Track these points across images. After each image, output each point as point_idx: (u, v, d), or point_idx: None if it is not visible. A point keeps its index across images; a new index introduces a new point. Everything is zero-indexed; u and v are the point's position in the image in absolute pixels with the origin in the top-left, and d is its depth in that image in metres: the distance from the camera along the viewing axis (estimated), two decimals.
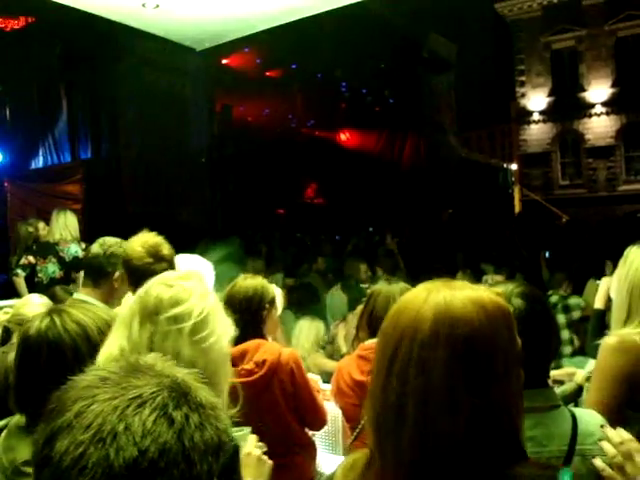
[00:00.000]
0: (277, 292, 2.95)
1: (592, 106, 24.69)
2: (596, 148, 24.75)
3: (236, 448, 1.62)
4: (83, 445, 0.72)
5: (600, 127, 24.68)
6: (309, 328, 4.75)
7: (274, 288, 2.93)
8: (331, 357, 4.72)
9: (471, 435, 0.94)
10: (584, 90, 24.82)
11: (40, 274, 5.49)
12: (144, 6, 6.56)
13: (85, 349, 1.65)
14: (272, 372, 2.68)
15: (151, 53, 11.64)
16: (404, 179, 20.52)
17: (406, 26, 20.17)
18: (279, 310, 2.99)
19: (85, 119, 12.74)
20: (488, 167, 25.07)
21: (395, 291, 2.75)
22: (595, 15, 23.96)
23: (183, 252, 3.19)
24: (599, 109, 24.60)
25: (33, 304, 2.90)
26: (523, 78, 26.22)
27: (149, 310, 1.51)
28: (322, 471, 3.12)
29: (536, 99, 25.94)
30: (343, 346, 3.85)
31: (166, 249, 2.83)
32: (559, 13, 24.61)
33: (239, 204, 15.57)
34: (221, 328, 1.56)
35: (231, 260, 5.54)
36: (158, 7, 6.62)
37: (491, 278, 6.67)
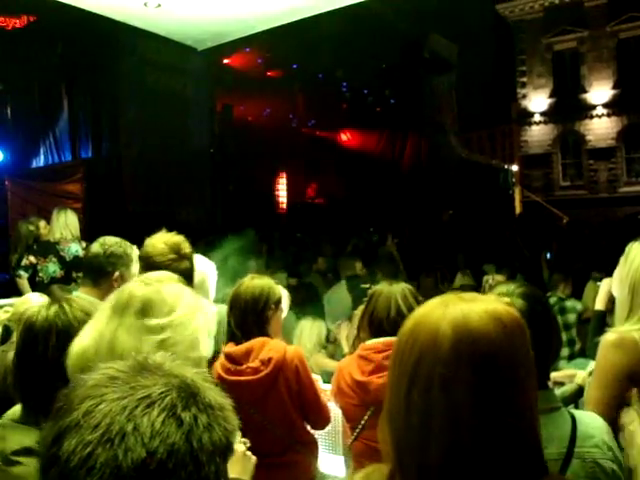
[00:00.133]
0: (284, 294, 2.95)
1: (593, 107, 24.68)
2: (597, 149, 24.74)
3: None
4: (91, 445, 0.72)
5: (601, 128, 24.67)
6: (311, 328, 4.74)
7: (281, 289, 2.94)
8: (333, 357, 4.71)
9: (498, 452, 0.94)
10: (585, 91, 24.81)
11: (41, 273, 5.48)
12: (146, 5, 6.57)
13: None
14: (278, 370, 2.68)
15: (152, 52, 11.64)
16: (405, 179, 20.53)
17: (407, 27, 20.16)
18: (285, 312, 2.99)
19: (86, 118, 12.73)
20: (489, 168, 25.04)
21: (396, 291, 2.75)
22: (597, 16, 23.95)
23: None
24: (600, 110, 24.60)
25: (33, 303, 2.90)
26: (524, 79, 26.22)
27: (120, 304, 1.52)
28: (322, 471, 3.12)
29: (537, 100, 25.93)
30: (345, 346, 3.85)
31: (187, 247, 2.86)
32: (561, 14, 24.60)
33: (240, 204, 15.57)
34: (196, 334, 1.52)
35: (246, 253, 5.57)
36: (160, 7, 6.62)
37: (492, 278, 6.66)
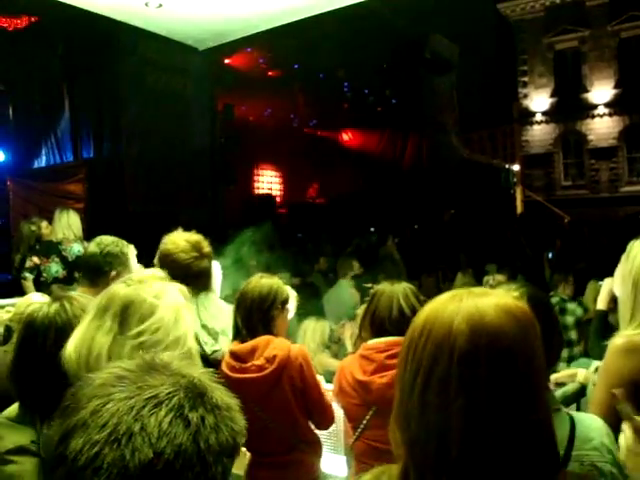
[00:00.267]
0: (292, 294, 2.95)
1: (595, 107, 24.66)
2: (598, 149, 24.72)
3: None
4: (98, 445, 0.72)
5: (603, 128, 24.65)
6: (314, 328, 4.73)
7: (289, 290, 2.94)
8: (337, 357, 4.69)
9: (517, 447, 0.93)
10: (587, 91, 24.80)
11: (44, 274, 5.51)
12: (147, 5, 6.58)
13: None
14: (282, 368, 2.68)
15: (153, 52, 11.63)
16: (406, 179, 20.51)
17: (408, 26, 20.14)
18: (292, 312, 2.99)
19: (87, 118, 12.73)
20: (490, 168, 25.02)
21: (398, 291, 2.74)
22: (598, 16, 23.93)
23: None
24: (602, 110, 24.58)
25: (35, 303, 2.89)
26: (526, 79, 26.20)
27: (101, 306, 1.50)
28: (323, 471, 3.11)
29: (539, 100, 25.91)
30: (350, 345, 3.85)
31: (207, 246, 2.88)
32: (562, 14, 24.59)
33: (241, 203, 15.57)
34: (178, 332, 1.50)
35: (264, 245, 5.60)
36: (161, 6, 6.64)
37: (492, 278, 6.66)
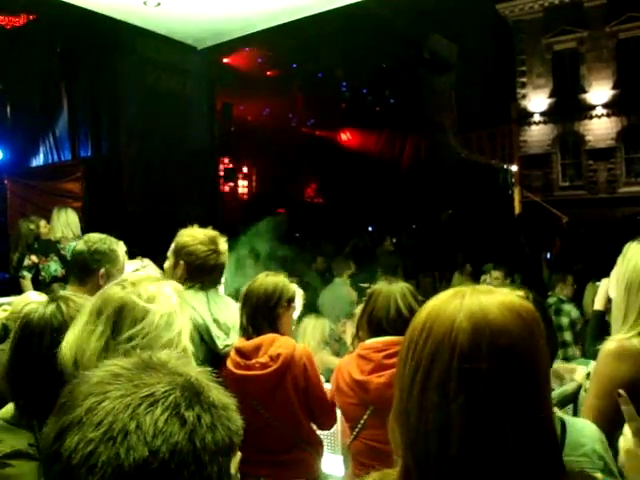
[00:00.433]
0: (298, 293, 2.96)
1: (593, 108, 24.68)
2: (596, 150, 24.74)
3: None
4: (93, 443, 0.71)
5: (601, 129, 24.67)
6: (314, 326, 4.73)
7: (295, 288, 2.94)
8: (338, 355, 4.69)
9: (519, 446, 0.91)
10: (585, 92, 24.81)
11: (43, 272, 5.51)
12: (145, 4, 6.56)
13: None
14: (286, 366, 2.69)
15: (152, 51, 11.62)
16: (404, 179, 20.53)
17: (407, 26, 20.16)
18: (298, 310, 3.00)
19: (85, 117, 12.71)
20: (488, 168, 25.03)
21: (395, 291, 2.74)
22: (596, 17, 23.95)
23: None
24: (600, 111, 24.59)
25: (32, 302, 2.89)
26: (524, 79, 26.21)
27: (95, 308, 1.49)
28: (324, 471, 3.12)
29: (537, 100, 25.93)
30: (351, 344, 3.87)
31: (223, 242, 2.91)
32: (560, 14, 24.60)
33: (239, 203, 15.57)
34: (171, 334, 1.49)
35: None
36: (159, 5, 6.62)
37: (489, 276, 6.67)
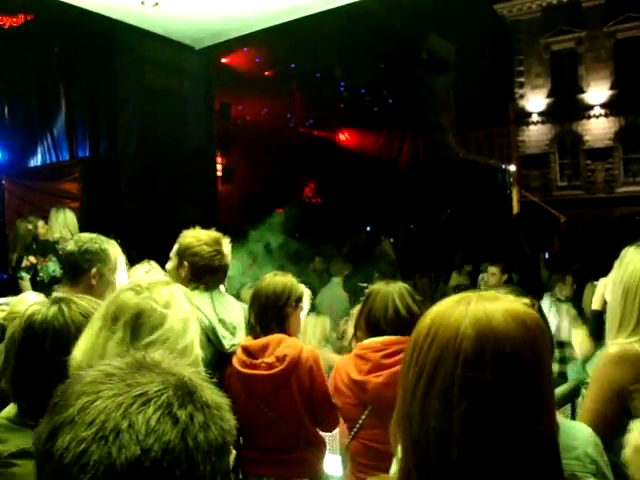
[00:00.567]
0: (306, 292, 2.96)
1: (591, 108, 24.72)
2: (594, 150, 24.79)
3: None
4: (85, 442, 0.71)
5: (599, 129, 24.71)
6: (315, 325, 4.73)
7: (303, 288, 2.95)
8: (340, 353, 4.69)
9: (520, 454, 0.91)
10: (583, 92, 24.85)
11: (41, 273, 5.50)
12: (143, 4, 6.56)
13: None
14: (292, 367, 2.69)
15: (150, 51, 11.60)
16: (402, 179, 20.53)
17: (405, 26, 20.16)
18: (305, 310, 3.00)
19: (83, 117, 12.69)
20: (486, 168, 25.07)
21: (393, 291, 2.74)
22: (594, 17, 23.99)
23: None
24: (598, 111, 24.64)
25: (29, 302, 2.88)
26: (522, 79, 26.24)
27: (110, 314, 1.47)
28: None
29: (535, 100, 25.96)
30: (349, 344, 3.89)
31: (227, 244, 2.91)
32: (558, 14, 24.64)
33: (238, 203, 15.56)
34: (185, 340, 1.49)
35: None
36: (157, 5, 6.61)
37: (487, 275, 6.67)
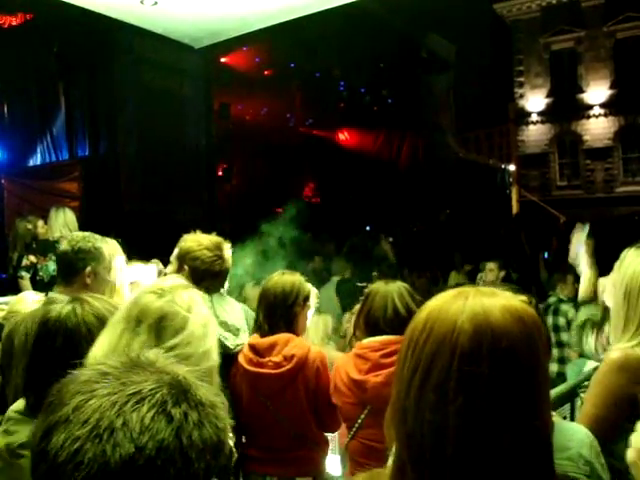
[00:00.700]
0: (313, 291, 2.97)
1: (590, 107, 24.72)
2: (594, 149, 24.78)
3: (231, 450, 1.61)
4: (80, 440, 0.71)
5: (598, 128, 24.71)
6: (317, 322, 4.73)
7: (310, 287, 2.95)
8: (343, 351, 4.69)
9: (514, 450, 0.91)
10: (583, 91, 24.85)
11: (41, 272, 5.51)
12: (142, 3, 6.55)
13: None
14: (299, 367, 2.71)
15: (149, 51, 11.60)
16: (402, 179, 20.53)
17: (405, 26, 20.16)
18: (312, 308, 3.01)
19: (83, 117, 12.69)
20: (486, 168, 25.05)
21: (393, 290, 2.75)
22: (594, 16, 23.98)
23: None
24: (597, 110, 24.63)
25: (28, 301, 2.89)
26: (522, 79, 26.24)
27: (132, 317, 1.48)
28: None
29: (535, 100, 25.96)
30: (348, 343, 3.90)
31: (228, 248, 2.91)
32: (558, 14, 24.63)
33: (237, 203, 15.55)
34: (205, 345, 1.51)
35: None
36: (156, 4, 6.61)
37: (485, 274, 6.68)
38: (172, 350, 1.42)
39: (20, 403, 1.69)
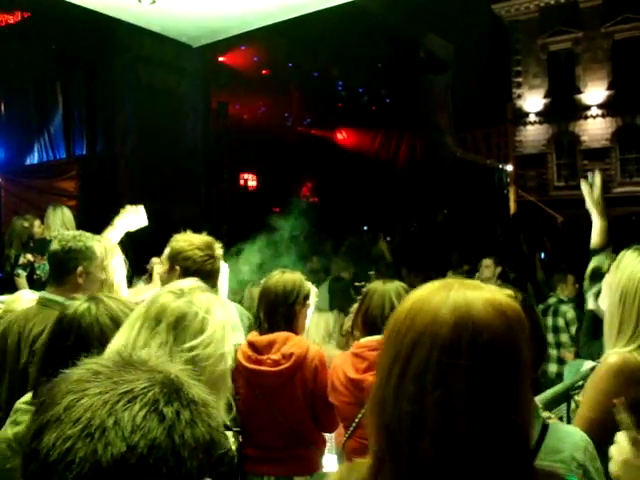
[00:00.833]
0: (313, 290, 2.97)
1: (588, 108, 24.75)
2: (591, 150, 24.81)
3: (233, 456, 1.62)
4: (71, 439, 0.70)
5: (596, 129, 24.75)
6: (317, 321, 4.72)
7: (310, 285, 2.96)
8: (344, 349, 4.68)
9: (491, 445, 0.91)
10: (580, 92, 24.88)
11: (38, 271, 5.50)
12: (140, 2, 6.53)
13: None
14: (297, 366, 2.71)
15: (147, 50, 11.60)
16: (400, 179, 20.54)
17: (403, 26, 20.19)
18: (312, 307, 3.01)
19: (80, 115, 12.68)
20: (484, 168, 25.12)
21: (390, 290, 2.75)
22: (592, 17, 24.02)
23: None
24: (595, 111, 24.67)
25: (24, 300, 2.88)
26: (520, 79, 26.27)
27: (152, 316, 1.49)
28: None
29: (532, 100, 25.99)
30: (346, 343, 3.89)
31: (219, 248, 2.90)
32: (556, 15, 24.67)
33: (235, 202, 15.55)
34: (223, 348, 1.52)
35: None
36: (154, 3, 6.58)
37: (481, 271, 6.68)
38: (191, 351, 1.44)
39: (29, 395, 1.73)
